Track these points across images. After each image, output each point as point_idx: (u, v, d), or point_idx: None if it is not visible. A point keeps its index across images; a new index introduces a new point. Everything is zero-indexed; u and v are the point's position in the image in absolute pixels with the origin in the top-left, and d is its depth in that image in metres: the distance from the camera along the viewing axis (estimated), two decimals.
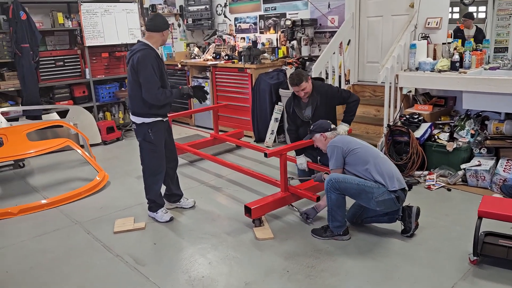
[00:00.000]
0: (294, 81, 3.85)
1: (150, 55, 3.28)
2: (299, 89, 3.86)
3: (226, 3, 7.22)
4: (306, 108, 4.01)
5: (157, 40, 3.39)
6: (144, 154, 3.54)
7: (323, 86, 4.06)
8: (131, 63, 3.31)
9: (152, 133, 3.43)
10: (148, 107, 3.37)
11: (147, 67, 3.24)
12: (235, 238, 3.29)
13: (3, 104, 5.62)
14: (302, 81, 3.82)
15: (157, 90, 3.28)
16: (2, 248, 3.28)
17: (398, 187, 2.99)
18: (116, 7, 6.29)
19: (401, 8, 5.11)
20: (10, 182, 4.72)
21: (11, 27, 5.42)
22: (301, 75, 3.84)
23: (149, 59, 3.25)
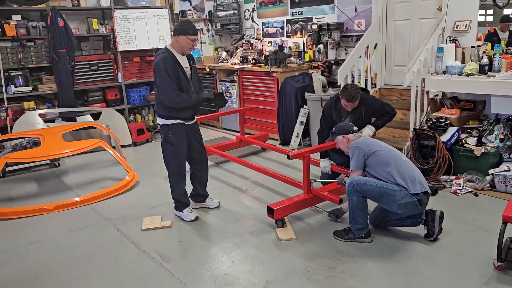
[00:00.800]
0: (350, 96, 3.86)
1: (165, 59, 3.37)
2: (352, 104, 3.91)
3: (254, 8, 7.33)
4: (346, 117, 4.03)
5: (176, 44, 3.46)
6: (166, 155, 3.65)
7: (369, 98, 4.08)
8: (153, 68, 3.46)
9: (172, 135, 3.53)
10: (168, 110, 3.48)
11: (161, 70, 3.34)
12: (258, 238, 3.36)
13: (41, 106, 5.91)
14: (357, 98, 3.87)
15: (171, 92, 3.36)
16: (38, 242, 3.47)
17: (420, 190, 2.98)
18: (147, 13, 6.51)
19: (429, 11, 5.07)
20: (46, 180, 4.96)
21: (49, 33, 5.71)
22: (357, 92, 3.85)
23: (164, 63, 3.34)
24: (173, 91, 3.37)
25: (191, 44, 3.45)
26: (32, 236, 3.58)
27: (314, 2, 6.31)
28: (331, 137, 3.53)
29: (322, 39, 5.92)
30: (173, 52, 3.46)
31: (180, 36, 3.41)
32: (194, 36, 3.44)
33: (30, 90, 5.76)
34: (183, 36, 3.40)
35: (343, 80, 5.10)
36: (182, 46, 3.45)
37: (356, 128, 3.47)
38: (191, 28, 3.43)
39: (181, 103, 3.43)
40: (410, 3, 5.25)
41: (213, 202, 3.98)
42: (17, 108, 5.71)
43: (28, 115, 5.57)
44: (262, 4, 7.17)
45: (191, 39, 3.42)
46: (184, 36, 3.40)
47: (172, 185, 3.74)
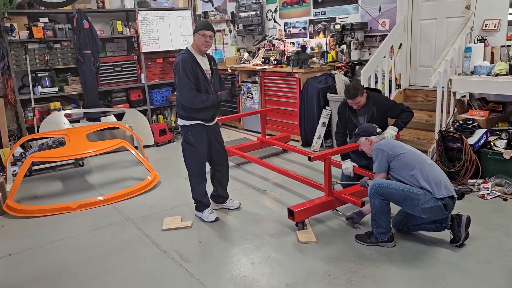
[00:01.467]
0: (349, 94, 3.92)
1: (185, 59, 3.39)
2: (353, 102, 3.94)
3: (277, 8, 7.30)
4: (359, 116, 4.04)
5: (193, 44, 3.51)
6: (186, 156, 3.66)
7: (380, 98, 4.08)
8: (173, 68, 3.50)
9: (192, 136, 3.54)
10: (188, 111, 3.49)
11: (179, 71, 3.38)
12: (278, 240, 3.32)
13: (67, 106, 6.03)
14: (357, 95, 3.88)
15: (189, 93, 3.38)
16: (61, 240, 3.53)
17: (445, 194, 2.89)
18: (170, 14, 6.56)
19: (456, 10, 4.93)
20: (70, 179, 5.06)
21: (75, 35, 5.82)
22: (357, 90, 3.89)
23: (182, 63, 3.37)
24: (190, 91, 3.39)
25: (203, 40, 3.44)
26: (55, 234, 3.64)
27: (337, 2, 6.23)
28: (354, 138, 3.48)
29: (345, 39, 5.83)
30: (193, 53, 3.48)
31: (194, 35, 3.46)
32: (205, 31, 3.43)
33: (56, 91, 5.89)
34: (196, 34, 3.45)
35: (367, 81, 5.01)
36: (197, 44, 3.48)
37: (379, 130, 3.40)
38: (202, 24, 3.48)
39: (199, 103, 3.44)
40: (437, 2, 5.12)
41: (233, 203, 3.97)
42: (44, 109, 5.84)
43: (54, 115, 5.70)
44: (284, 5, 7.14)
45: (202, 35, 3.42)
46: (196, 33, 3.44)
47: (192, 186, 3.75)
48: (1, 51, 5.45)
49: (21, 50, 5.62)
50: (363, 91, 3.95)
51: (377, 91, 4.26)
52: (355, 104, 3.95)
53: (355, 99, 3.91)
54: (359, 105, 3.97)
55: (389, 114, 4.04)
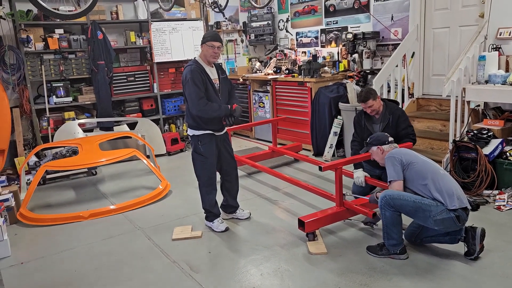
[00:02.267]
0: (361, 97, 3.93)
1: (193, 70, 3.40)
2: (366, 106, 3.93)
3: (288, 18, 7.32)
4: (374, 124, 4.03)
5: (202, 55, 3.52)
6: (196, 165, 3.67)
7: (398, 109, 4.06)
8: (181, 79, 3.51)
9: (202, 145, 3.55)
10: (196, 121, 3.51)
11: (188, 81, 3.40)
12: (288, 251, 3.29)
13: (80, 116, 6.12)
14: (369, 98, 3.87)
15: (199, 101, 3.38)
16: (73, 249, 3.55)
17: (458, 205, 2.83)
18: (183, 25, 6.63)
19: (469, 18, 4.87)
20: (83, 188, 5.10)
21: (89, 46, 5.92)
22: (369, 93, 3.89)
23: (191, 74, 3.38)
24: (200, 99, 3.39)
25: (211, 51, 3.45)
26: (67, 242, 3.67)
27: (349, 11, 6.22)
28: (366, 148, 3.43)
29: (357, 48, 5.81)
30: (201, 63, 3.50)
31: (202, 45, 3.47)
32: (214, 42, 3.43)
33: (70, 101, 5.98)
34: (204, 44, 3.46)
35: (379, 90, 4.97)
36: (205, 55, 3.49)
37: (391, 139, 3.35)
38: (209, 35, 3.47)
39: (210, 112, 3.44)
40: (450, 10, 5.07)
41: (243, 213, 3.95)
42: (58, 118, 5.94)
43: (68, 124, 5.78)
44: (296, 14, 7.16)
45: (210, 46, 3.43)
46: (204, 44, 3.45)
47: (202, 196, 3.74)
48: (17, 62, 5.58)
49: (37, 61, 5.73)
50: (377, 96, 3.93)
51: (395, 102, 4.24)
52: (368, 108, 3.92)
53: (367, 102, 3.89)
54: (372, 110, 3.93)
55: (399, 127, 3.96)
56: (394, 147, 3.28)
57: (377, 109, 3.95)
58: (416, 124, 5.21)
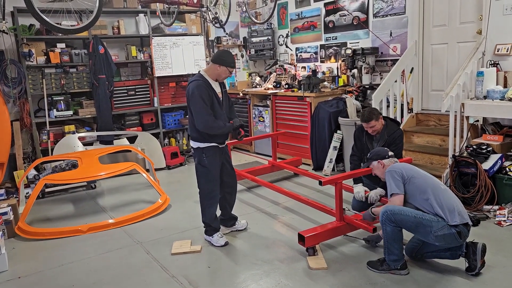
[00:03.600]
0: (364, 117, 3.92)
1: (200, 86, 3.43)
2: (368, 126, 3.92)
3: (288, 34, 7.40)
4: (374, 142, 4.00)
5: (213, 72, 3.54)
6: (199, 178, 3.68)
7: (396, 131, 3.97)
8: (187, 93, 3.54)
9: (206, 158, 3.57)
10: (201, 134, 3.53)
11: (196, 97, 3.42)
12: (288, 266, 3.26)
13: (81, 129, 6.13)
14: (371, 119, 3.87)
15: (207, 117, 3.41)
16: (71, 263, 3.52)
17: (459, 221, 2.82)
18: (184, 40, 6.70)
19: (467, 35, 4.93)
20: (82, 202, 5.08)
21: (91, 60, 5.96)
22: (372, 114, 3.88)
23: (198, 90, 3.41)
24: (209, 116, 3.43)
25: (227, 74, 3.57)
26: (66, 257, 3.64)
27: (348, 27, 6.30)
28: (366, 163, 3.44)
29: (356, 63, 5.86)
30: (207, 78, 3.53)
31: (221, 66, 3.51)
32: (232, 69, 3.58)
33: (71, 114, 6.00)
34: (224, 67, 3.52)
35: (378, 105, 5.00)
36: (219, 74, 3.55)
37: (391, 153, 3.36)
38: (233, 62, 3.57)
39: (216, 129, 3.49)
40: (447, 26, 5.14)
41: (242, 223, 4.00)
42: (58, 131, 5.94)
43: (68, 138, 5.78)
44: (296, 30, 7.24)
45: (229, 70, 3.55)
46: (226, 67, 3.52)
47: (203, 209, 3.74)
48: (19, 76, 5.61)
49: (38, 75, 5.77)
50: (379, 116, 3.93)
51: (396, 123, 4.18)
52: (370, 128, 3.93)
53: (369, 123, 3.89)
54: (374, 130, 3.93)
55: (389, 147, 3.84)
56: (395, 162, 3.29)
57: (378, 129, 3.94)
58: (415, 139, 5.23)
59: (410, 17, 5.43)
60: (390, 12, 5.67)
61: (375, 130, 3.94)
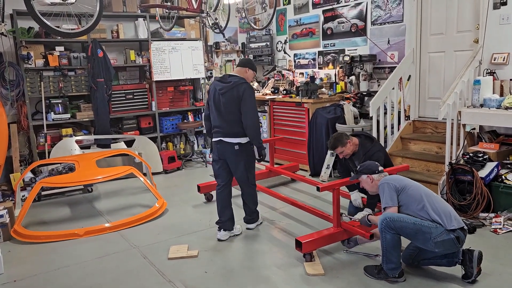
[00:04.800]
0: (330, 145, 3.90)
1: (251, 87, 3.83)
2: (335, 152, 3.92)
3: (287, 40, 7.44)
4: (355, 161, 3.93)
5: (242, 73, 3.89)
6: (251, 169, 3.96)
7: (371, 150, 3.86)
8: (236, 93, 3.71)
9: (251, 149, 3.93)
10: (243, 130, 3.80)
11: (251, 96, 3.76)
12: (285, 271, 3.26)
13: (78, 133, 6.12)
14: (337, 146, 3.82)
15: (257, 114, 3.86)
16: (67, 267, 3.50)
17: (457, 226, 2.84)
18: (182, 44, 6.72)
19: (464, 43, 4.98)
20: (79, 205, 5.07)
21: (89, 63, 5.97)
22: (336, 141, 3.82)
23: (252, 90, 3.81)
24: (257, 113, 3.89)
25: (253, 78, 4.10)
26: (62, 260, 3.62)
27: (346, 34, 6.34)
28: (356, 175, 3.40)
29: (354, 70, 5.90)
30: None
31: (250, 70, 3.93)
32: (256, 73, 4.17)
33: (68, 117, 5.99)
34: (252, 71, 3.95)
35: (375, 112, 5.04)
36: (248, 77, 3.92)
37: (381, 168, 3.35)
38: (255, 67, 4.05)
39: (258, 126, 3.89)
40: (445, 35, 5.18)
41: (238, 228, 4.05)
42: (56, 134, 5.93)
43: (65, 141, 5.77)
44: (294, 36, 7.28)
45: (255, 75, 4.07)
46: (253, 72, 3.96)
47: (255, 197, 4.06)
48: (17, 78, 5.61)
49: (36, 77, 5.76)
50: (347, 141, 3.81)
51: (371, 139, 4.04)
52: (339, 153, 3.87)
53: (335, 150, 3.86)
54: (344, 154, 3.86)
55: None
56: (384, 176, 3.27)
57: (349, 153, 3.85)
58: (412, 146, 5.26)
59: (407, 25, 5.48)
60: (388, 20, 5.72)
61: (346, 154, 3.86)
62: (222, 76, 3.89)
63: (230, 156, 3.82)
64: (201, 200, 4.97)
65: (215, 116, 3.83)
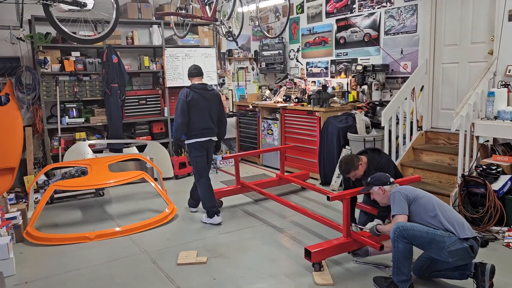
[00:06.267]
0: (341, 169, 3.80)
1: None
2: (348, 176, 3.80)
3: (299, 48, 7.46)
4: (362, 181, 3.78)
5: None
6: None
7: (381, 162, 3.80)
8: (218, 98, 4.61)
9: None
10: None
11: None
12: (293, 280, 3.25)
13: (91, 137, 6.19)
14: (350, 171, 3.73)
15: None
16: (77, 270, 3.54)
17: (470, 235, 2.81)
18: (196, 51, 6.78)
19: (478, 55, 4.94)
20: (90, 209, 5.12)
21: (104, 69, 6.05)
22: (349, 166, 3.71)
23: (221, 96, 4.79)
24: None
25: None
26: (72, 263, 3.66)
27: (359, 44, 6.34)
28: (367, 187, 3.37)
29: (366, 80, 5.89)
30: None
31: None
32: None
33: (82, 122, 6.08)
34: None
35: (387, 122, 5.02)
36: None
37: (392, 180, 3.32)
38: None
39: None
40: (459, 46, 5.15)
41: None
42: (69, 138, 6.01)
43: (78, 145, 5.84)
44: (307, 45, 7.30)
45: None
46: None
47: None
48: (33, 82, 5.71)
49: (52, 82, 5.86)
50: (358, 163, 3.72)
51: (377, 151, 3.99)
52: (352, 177, 3.79)
53: (348, 174, 3.76)
54: (357, 177, 3.78)
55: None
56: (395, 187, 3.25)
57: (361, 174, 3.76)
58: (424, 157, 5.22)
59: (421, 35, 5.47)
60: (401, 30, 5.71)
61: (358, 176, 3.76)
62: (201, 85, 4.50)
63: (211, 150, 4.71)
64: None
65: (204, 119, 4.49)
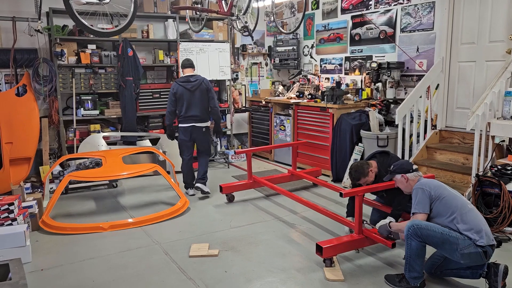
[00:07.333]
0: (351, 177, 3.80)
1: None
2: (359, 183, 3.79)
3: (313, 44, 7.44)
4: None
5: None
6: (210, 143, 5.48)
7: (391, 162, 3.63)
8: (205, 86, 5.12)
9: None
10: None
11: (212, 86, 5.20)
12: (304, 275, 3.27)
13: (105, 129, 6.26)
14: (360, 178, 3.72)
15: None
16: (91, 259, 3.60)
17: (486, 242, 2.78)
18: (210, 46, 6.80)
19: (496, 54, 4.88)
20: (103, 200, 5.19)
21: (119, 62, 6.11)
22: (359, 173, 3.70)
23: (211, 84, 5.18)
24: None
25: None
26: (86, 252, 3.73)
27: (374, 41, 6.30)
28: (389, 175, 3.38)
29: (381, 77, 5.85)
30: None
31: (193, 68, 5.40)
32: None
33: (97, 114, 6.15)
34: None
35: (401, 120, 4.99)
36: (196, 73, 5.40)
37: (416, 167, 3.31)
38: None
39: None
40: (476, 45, 5.09)
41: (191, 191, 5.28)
42: (84, 130, 6.09)
43: (93, 136, 5.92)
44: (321, 41, 7.27)
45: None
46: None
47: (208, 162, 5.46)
48: (50, 74, 5.79)
49: (68, 74, 5.93)
50: (368, 169, 3.70)
51: (386, 153, 3.96)
52: (363, 183, 3.76)
53: (359, 181, 3.75)
54: (368, 183, 3.75)
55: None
56: (419, 176, 3.24)
57: (372, 179, 3.74)
58: (437, 156, 5.18)
59: (438, 33, 5.41)
60: (418, 28, 5.66)
61: (369, 182, 3.74)
62: (184, 78, 5.08)
63: (199, 135, 5.15)
64: (222, 201, 5.02)
65: (189, 108, 5.02)
